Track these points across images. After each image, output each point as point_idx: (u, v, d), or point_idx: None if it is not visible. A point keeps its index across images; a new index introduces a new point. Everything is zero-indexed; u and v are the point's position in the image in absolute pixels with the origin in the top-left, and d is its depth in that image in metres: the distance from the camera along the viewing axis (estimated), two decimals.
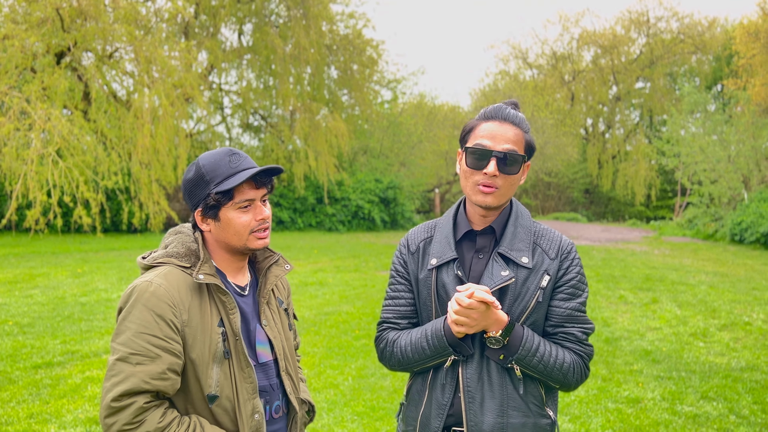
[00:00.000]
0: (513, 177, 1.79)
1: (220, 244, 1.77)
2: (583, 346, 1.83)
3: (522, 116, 1.83)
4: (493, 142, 1.77)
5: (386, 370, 5.78)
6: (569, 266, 1.83)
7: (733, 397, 5.05)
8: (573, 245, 1.87)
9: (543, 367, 1.75)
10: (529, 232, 1.85)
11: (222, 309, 1.71)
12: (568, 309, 1.81)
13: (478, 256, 1.85)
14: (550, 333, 1.83)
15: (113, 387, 1.56)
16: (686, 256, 15.35)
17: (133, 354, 1.57)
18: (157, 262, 1.73)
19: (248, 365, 1.72)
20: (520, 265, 1.79)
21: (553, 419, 1.83)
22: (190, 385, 1.67)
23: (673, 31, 35.18)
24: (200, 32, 23.15)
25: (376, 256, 15.01)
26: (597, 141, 38.40)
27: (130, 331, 1.59)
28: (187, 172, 1.76)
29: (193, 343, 1.65)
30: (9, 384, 5.24)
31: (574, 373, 1.80)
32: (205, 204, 1.71)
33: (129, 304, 1.63)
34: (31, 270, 11.54)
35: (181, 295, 1.65)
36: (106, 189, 17.85)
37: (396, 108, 32.08)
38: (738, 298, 9.19)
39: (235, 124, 27.50)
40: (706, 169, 21.99)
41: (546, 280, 1.79)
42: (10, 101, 15.16)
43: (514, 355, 1.74)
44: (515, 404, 1.77)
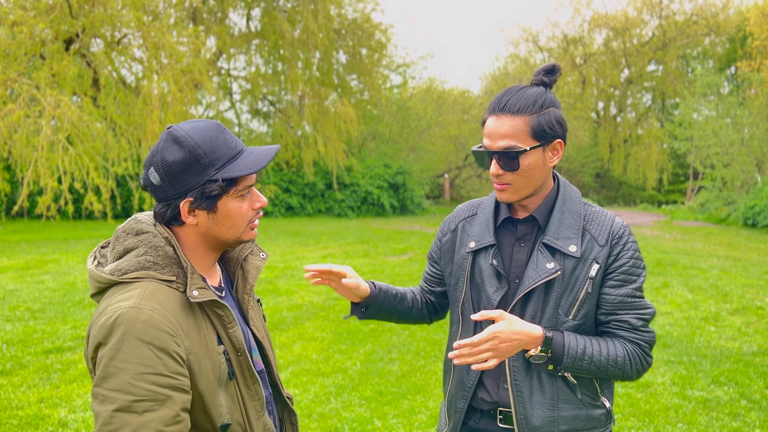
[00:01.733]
0: (522, 170, 1.66)
1: (206, 239, 1.48)
2: (640, 333, 1.70)
3: (529, 96, 1.65)
4: (490, 141, 1.67)
5: (394, 354, 5.78)
6: (620, 252, 1.69)
7: (745, 382, 5.00)
8: (626, 228, 1.73)
9: (596, 368, 1.66)
10: (578, 217, 1.72)
11: (218, 324, 1.45)
12: (620, 296, 1.68)
13: (520, 244, 1.75)
14: (603, 321, 1.72)
15: None
16: (698, 240, 15.23)
17: (137, 401, 1.27)
18: (131, 278, 1.38)
19: (255, 381, 1.51)
20: (568, 254, 1.67)
21: (609, 408, 1.76)
22: (198, 418, 1.42)
23: (686, 12, 34.69)
24: (208, 17, 23.08)
25: (385, 241, 15.00)
26: (608, 125, 38.07)
27: (127, 373, 1.27)
28: (167, 151, 1.40)
29: (200, 372, 1.39)
30: (20, 368, 5.28)
31: (632, 365, 1.68)
32: (201, 193, 1.40)
33: (115, 340, 1.29)
34: (42, 256, 11.62)
35: (177, 319, 1.36)
36: (117, 175, 17.92)
37: (405, 93, 31.94)
38: (750, 283, 9.11)
39: (244, 109, 27.48)
40: (719, 152, 21.76)
41: (595, 269, 1.67)
42: (20, 88, 15.21)
43: (560, 364, 1.65)
44: (566, 397, 1.70)
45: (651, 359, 1.74)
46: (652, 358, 1.74)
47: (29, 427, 4.10)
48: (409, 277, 9.77)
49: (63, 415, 4.28)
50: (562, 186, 1.78)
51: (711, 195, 22.51)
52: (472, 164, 34.84)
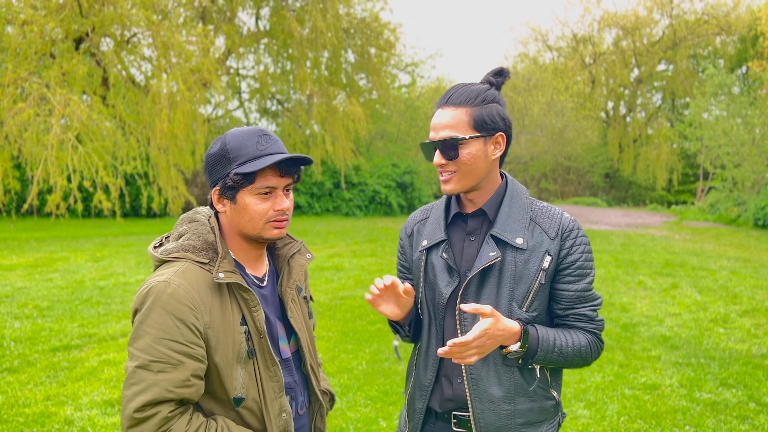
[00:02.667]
0: (464, 159, 1.70)
1: (235, 229, 1.65)
2: (595, 323, 1.78)
3: (473, 90, 1.72)
4: (434, 132, 1.73)
5: (400, 353, 5.77)
6: (572, 245, 1.74)
7: (754, 384, 4.96)
8: (575, 222, 1.78)
9: (563, 359, 1.71)
10: (525, 211, 1.77)
11: (244, 306, 1.61)
12: (578, 291, 1.74)
13: (470, 238, 1.79)
14: (560, 315, 1.78)
15: (135, 396, 1.46)
16: (708, 241, 15.12)
17: (154, 361, 1.47)
18: (172, 257, 1.60)
19: (274, 363, 1.63)
20: (516, 246, 1.71)
21: (557, 400, 1.81)
22: (215, 388, 1.58)
23: (696, 11, 34.45)
24: (217, 17, 23.13)
25: (393, 241, 14.99)
26: (618, 124, 37.88)
27: (150, 336, 1.48)
28: (212, 145, 1.64)
29: (217, 346, 1.55)
30: (27, 366, 5.31)
31: (592, 353, 1.77)
32: (224, 183, 1.59)
33: (146, 307, 1.51)
34: (51, 254, 11.68)
35: (201, 296, 1.54)
36: (125, 174, 18.01)
37: (414, 92, 31.90)
38: (760, 284, 9.03)
39: (253, 109, 27.53)
40: (730, 152, 21.59)
41: (548, 261, 1.71)
42: (30, 87, 15.29)
43: (533, 357, 1.69)
44: (522, 389, 1.73)
45: (603, 344, 1.82)
46: (603, 343, 1.82)
47: (35, 425, 4.12)
48: None
49: (69, 413, 4.30)
50: (510, 183, 1.83)
51: (721, 195, 22.35)
52: None
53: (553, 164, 36.54)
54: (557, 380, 1.84)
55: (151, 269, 10.13)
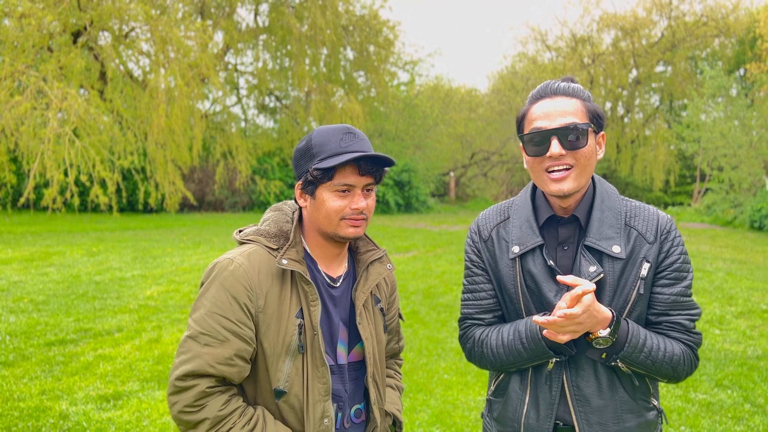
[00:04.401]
0: (584, 151, 1.55)
1: (313, 225, 1.65)
2: (691, 335, 1.62)
3: (577, 86, 1.61)
4: (549, 121, 1.55)
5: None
6: (670, 248, 1.60)
7: (749, 386, 4.97)
8: (672, 221, 1.64)
9: (651, 363, 1.57)
10: (618, 215, 1.61)
11: (303, 299, 1.59)
12: (673, 295, 1.59)
13: (563, 248, 1.63)
14: (653, 322, 1.63)
15: (180, 365, 1.49)
16: (704, 242, 15.16)
17: (202, 334, 1.50)
18: (247, 239, 1.64)
19: (323, 364, 1.58)
20: (613, 256, 1.57)
21: (659, 408, 1.69)
22: (260, 375, 1.57)
23: (695, 13, 34.50)
24: (216, 12, 23.09)
25: (390, 239, 14.98)
26: (616, 125, 37.92)
27: (204, 308, 1.52)
28: (300, 141, 1.66)
29: (267, 331, 1.54)
30: (22, 360, 5.29)
31: (684, 365, 1.60)
32: (305, 178, 1.60)
33: (209, 280, 1.55)
34: (47, 248, 11.65)
35: (260, 279, 1.55)
36: (122, 169, 17.97)
37: (412, 90, 31.90)
38: (756, 286, 9.05)
39: (251, 105, 27.52)
40: (727, 154, 21.63)
41: (646, 268, 1.57)
42: (27, 80, 15.24)
43: (619, 352, 1.55)
44: (628, 407, 1.62)
45: (698, 361, 1.66)
46: (698, 361, 1.66)
47: (30, 419, 4.10)
48: (412, 275, 9.75)
49: (64, 408, 4.28)
50: (599, 183, 1.68)
51: (718, 197, 22.39)
52: (478, 163, 34.77)
53: None
54: (656, 387, 1.71)
55: (147, 263, 10.12)
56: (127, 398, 4.49)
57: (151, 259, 10.72)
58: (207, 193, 23.84)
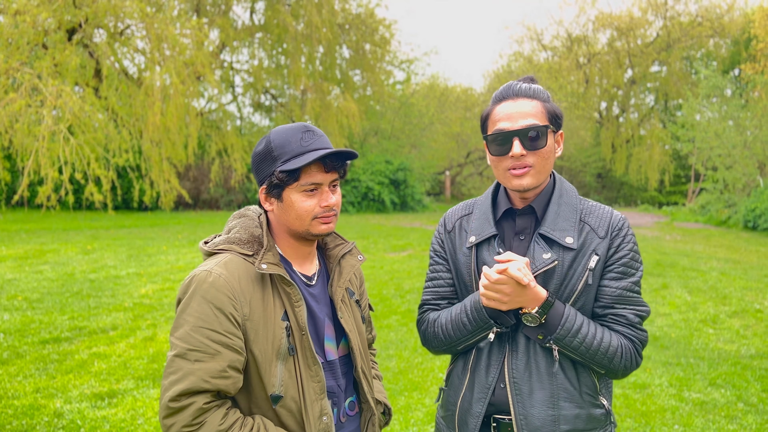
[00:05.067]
0: (543, 151, 1.67)
1: (283, 226, 1.65)
2: (635, 330, 1.68)
3: (537, 87, 1.71)
4: (511, 122, 1.66)
5: (392, 351, 5.77)
6: (620, 243, 1.69)
7: (742, 385, 4.99)
8: (625, 220, 1.73)
9: (585, 350, 1.62)
10: (574, 210, 1.72)
11: (286, 301, 1.58)
12: (619, 289, 1.67)
13: (519, 237, 1.74)
14: (599, 315, 1.70)
15: (171, 386, 1.45)
16: (698, 242, 15.21)
17: (191, 350, 1.46)
18: (218, 249, 1.61)
19: (315, 362, 1.58)
20: (565, 246, 1.66)
21: (608, 408, 1.73)
22: (253, 383, 1.55)
23: (691, 13, 34.59)
24: (212, 10, 23.03)
25: (385, 237, 14.99)
26: (611, 125, 38.00)
27: (188, 324, 1.48)
28: (257, 144, 1.63)
29: (255, 338, 1.53)
30: (16, 358, 5.28)
31: (622, 359, 1.66)
32: (270, 182, 1.58)
33: (187, 296, 1.51)
34: (41, 246, 11.61)
35: (242, 286, 1.53)
36: (117, 166, 17.92)
37: (408, 89, 31.88)
38: (749, 285, 9.09)
39: (247, 103, 27.45)
40: (721, 154, 21.71)
41: (594, 261, 1.66)
42: (22, 77, 15.18)
43: (552, 334, 1.62)
44: (567, 394, 1.66)
45: (641, 359, 1.71)
46: (642, 359, 1.72)
47: (24, 417, 4.09)
48: (408, 273, 9.76)
49: (59, 406, 4.27)
50: (558, 181, 1.79)
51: (712, 197, 22.47)
52: (473, 162, 34.78)
53: None
54: (607, 387, 1.77)
55: (142, 261, 10.10)
56: (122, 396, 4.49)
57: (146, 257, 10.70)
58: (202, 191, 23.80)
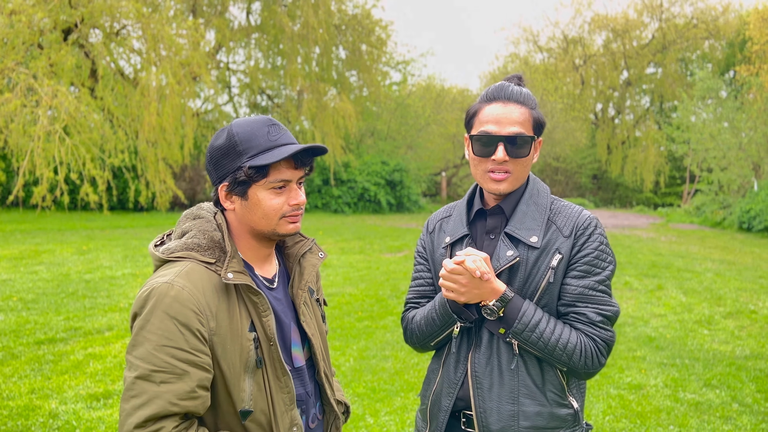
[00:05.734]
0: (524, 159, 1.69)
1: (245, 227, 1.54)
2: (597, 329, 1.66)
3: (527, 92, 1.73)
4: (498, 127, 1.67)
5: (388, 351, 5.78)
6: (585, 242, 1.69)
7: (737, 386, 5.01)
8: (593, 220, 1.72)
9: (543, 345, 1.62)
10: (543, 210, 1.73)
11: (253, 311, 1.48)
12: (580, 287, 1.67)
13: (489, 236, 1.77)
14: (562, 313, 1.71)
15: (134, 410, 1.33)
16: (693, 243, 15.26)
17: (155, 371, 1.34)
18: (175, 257, 1.48)
19: (285, 373, 1.51)
20: (529, 245, 1.68)
21: (576, 409, 1.71)
22: (220, 399, 1.46)
23: (686, 15, 34.72)
24: (208, 10, 23.01)
25: (381, 238, 14.99)
26: (606, 126, 38.12)
27: (150, 343, 1.36)
28: (215, 138, 1.51)
29: (223, 353, 1.43)
30: (11, 359, 5.26)
31: (581, 357, 1.63)
32: (234, 178, 1.47)
33: (146, 311, 1.38)
34: (36, 246, 11.58)
35: (207, 299, 1.42)
36: (113, 167, 17.88)
37: (404, 90, 31.90)
38: (744, 286, 9.12)
39: (243, 103, 27.42)
40: (716, 156, 21.79)
41: (557, 260, 1.67)
42: (17, 77, 15.14)
43: (510, 328, 1.64)
44: (528, 391, 1.67)
45: (604, 359, 1.68)
46: (605, 359, 1.69)
47: (19, 418, 4.08)
48: (404, 274, 9.76)
49: (54, 407, 4.26)
50: (532, 181, 1.81)
51: (707, 198, 22.55)
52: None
53: (541, 165, 36.69)
54: (578, 388, 1.76)
55: (137, 262, 10.07)
56: (117, 397, 4.48)
57: (142, 257, 10.68)
58: (198, 191, 23.75)
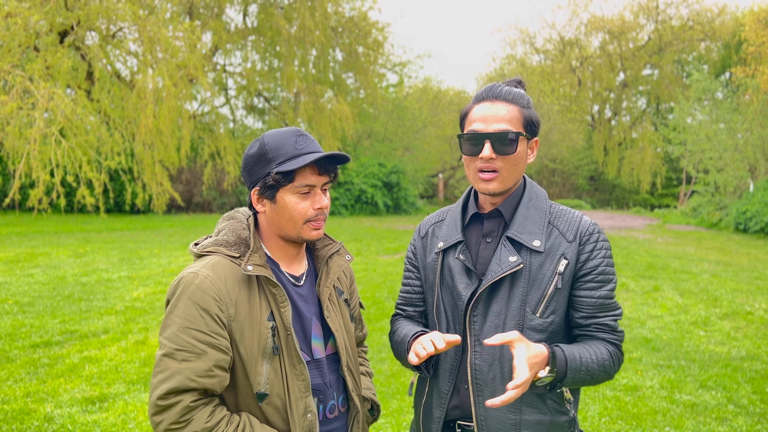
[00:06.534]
0: (513, 157, 1.66)
1: (274, 228, 1.68)
2: (616, 334, 1.69)
3: (519, 92, 1.70)
4: (485, 125, 1.66)
5: (384, 354, 5.77)
6: (593, 249, 1.66)
7: (733, 387, 5.02)
8: (596, 226, 1.70)
9: (590, 377, 1.62)
10: (543, 214, 1.71)
11: (272, 302, 1.62)
12: (600, 298, 1.66)
13: (486, 240, 1.73)
14: (582, 325, 1.69)
15: (159, 384, 1.50)
16: (689, 244, 15.28)
17: (178, 350, 1.51)
18: (206, 251, 1.66)
19: (300, 362, 1.62)
20: (532, 249, 1.65)
21: (572, 415, 1.71)
22: (239, 381, 1.60)
23: (682, 17, 34.83)
24: (205, 12, 23.00)
25: (378, 240, 14.99)
26: (603, 128, 38.18)
27: (176, 325, 1.53)
28: (249, 147, 1.67)
29: (241, 339, 1.58)
30: (7, 362, 5.25)
31: (614, 365, 1.67)
32: (264, 183, 1.62)
33: (175, 297, 1.57)
34: (32, 249, 11.55)
35: (228, 288, 1.58)
36: (109, 169, 17.85)
37: (401, 92, 31.93)
38: (740, 288, 9.14)
39: (239, 105, 27.41)
40: (713, 157, 21.85)
41: (563, 265, 1.64)
42: (13, 80, 15.11)
43: (563, 380, 1.58)
44: (530, 400, 1.64)
45: (623, 356, 1.73)
46: (623, 355, 1.73)
47: (15, 422, 4.07)
48: (400, 276, 9.74)
49: (49, 410, 4.25)
50: (529, 185, 1.79)
51: (704, 199, 22.60)
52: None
53: (538, 166, 36.74)
54: (574, 394, 1.75)
55: (134, 264, 10.06)
56: (113, 400, 4.47)
57: (138, 260, 10.66)
58: (195, 194, 23.74)
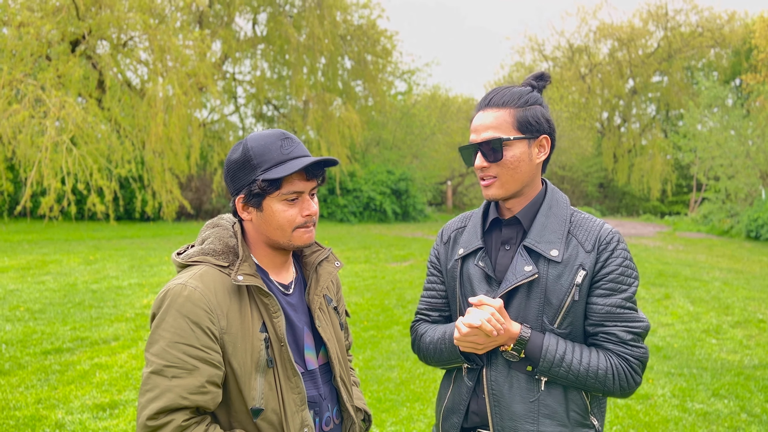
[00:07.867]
0: (507, 162, 1.62)
1: (261, 236, 1.60)
2: (629, 347, 1.60)
3: (517, 91, 1.66)
4: (476, 135, 1.66)
5: (394, 361, 5.76)
6: (608, 258, 1.62)
7: (745, 395, 4.97)
8: (616, 234, 1.66)
9: (574, 378, 1.58)
10: (563, 222, 1.66)
11: (264, 312, 1.55)
12: (607, 306, 1.61)
13: (505, 247, 1.70)
14: (591, 333, 1.65)
15: (148, 403, 1.40)
16: (700, 252, 15.19)
17: (168, 366, 1.42)
18: (192, 261, 1.57)
19: (295, 374, 1.55)
20: (550, 259, 1.61)
21: (598, 428, 1.66)
22: (233, 397, 1.51)
23: (691, 24, 34.73)
24: (214, 21, 23.16)
25: (387, 247, 14.99)
26: (612, 135, 38.06)
27: (164, 340, 1.44)
28: (232, 152, 1.57)
29: (234, 352, 1.49)
30: (18, 369, 5.28)
31: (614, 380, 1.59)
32: (249, 191, 1.53)
33: (162, 310, 1.47)
34: (43, 256, 11.63)
35: (218, 299, 1.49)
36: (120, 177, 17.96)
37: (409, 99, 31.97)
38: (752, 295, 9.07)
39: (249, 113, 27.54)
40: (723, 164, 21.72)
41: (581, 276, 1.60)
42: (25, 89, 15.26)
43: (536, 367, 1.60)
44: (548, 411, 1.61)
45: (640, 378, 1.64)
46: (641, 377, 1.64)
47: (26, 428, 4.09)
48: (409, 283, 9.75)
49: (60, 417, 4.27)
50: (550, 191, 1.74)
51: (714, 207, 22.46)
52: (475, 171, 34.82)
53: (547, 174, 36.56)
54: (600, 406, 1.70)
55: (144, 272, 10.10)
56: (124, 407, 4.48)
57: (148, 267, 10.71)
58: (204, 201, 23.83)
